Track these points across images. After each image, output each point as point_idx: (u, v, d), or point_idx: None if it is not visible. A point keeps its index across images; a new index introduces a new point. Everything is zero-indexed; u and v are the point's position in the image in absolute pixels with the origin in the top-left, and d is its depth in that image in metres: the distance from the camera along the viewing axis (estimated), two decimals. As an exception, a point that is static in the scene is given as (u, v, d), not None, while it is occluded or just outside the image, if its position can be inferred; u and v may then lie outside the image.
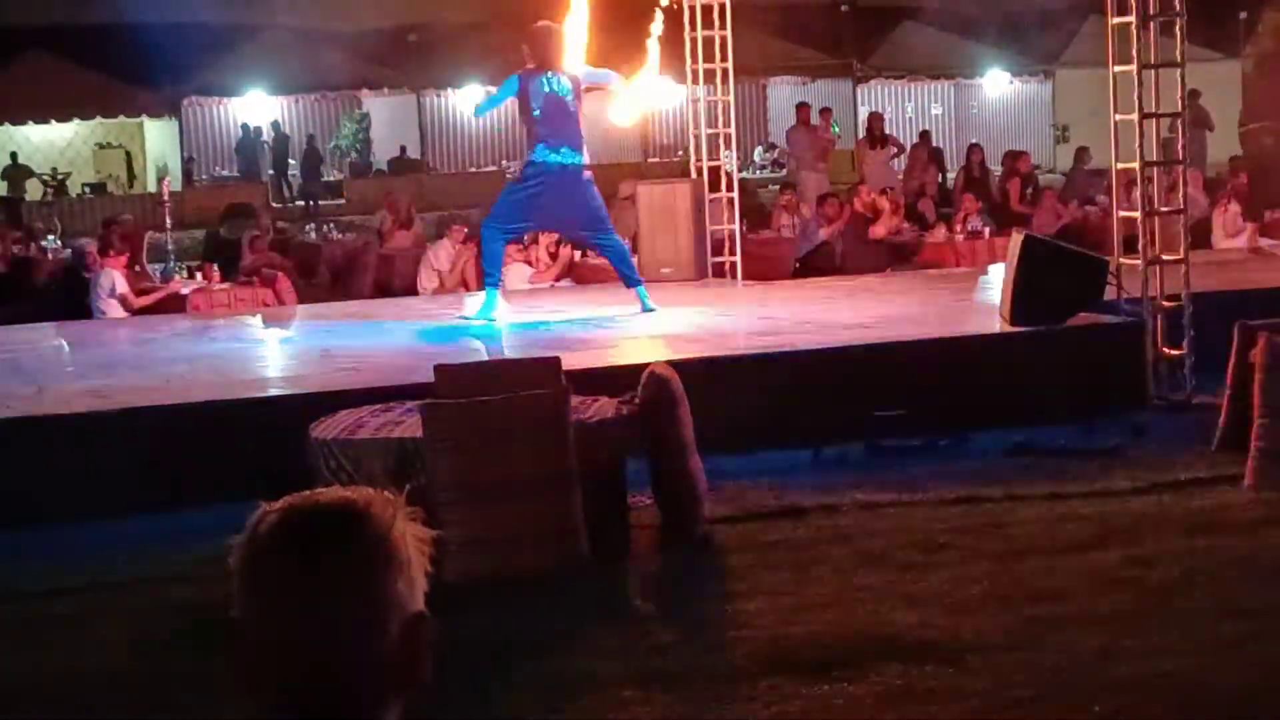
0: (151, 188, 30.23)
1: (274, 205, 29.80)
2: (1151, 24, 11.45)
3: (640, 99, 13.06)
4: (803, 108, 24.31)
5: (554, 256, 16.36)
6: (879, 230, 18.25)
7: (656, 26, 13.06)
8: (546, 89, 12.17)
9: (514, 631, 6.87)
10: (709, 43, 15.19)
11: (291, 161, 33.20)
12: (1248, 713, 5.75)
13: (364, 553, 1.99)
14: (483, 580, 7.38)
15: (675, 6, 13.32)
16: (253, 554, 2.01)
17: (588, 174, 12.38)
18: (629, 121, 13.44)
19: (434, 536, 2.04)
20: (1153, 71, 11.44)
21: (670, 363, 8.70)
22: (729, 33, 15.14)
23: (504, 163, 35.74)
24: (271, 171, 33.14)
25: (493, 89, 13.14)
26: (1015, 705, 5.85)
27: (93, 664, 6.64)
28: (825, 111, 24.77)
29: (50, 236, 20.75)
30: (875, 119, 25.69)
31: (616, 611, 7.11)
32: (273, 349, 11.93)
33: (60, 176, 30.94)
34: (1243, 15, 32.74)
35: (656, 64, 13.12)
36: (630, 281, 12.75)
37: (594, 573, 7.54)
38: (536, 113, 12.20)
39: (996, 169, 23.58)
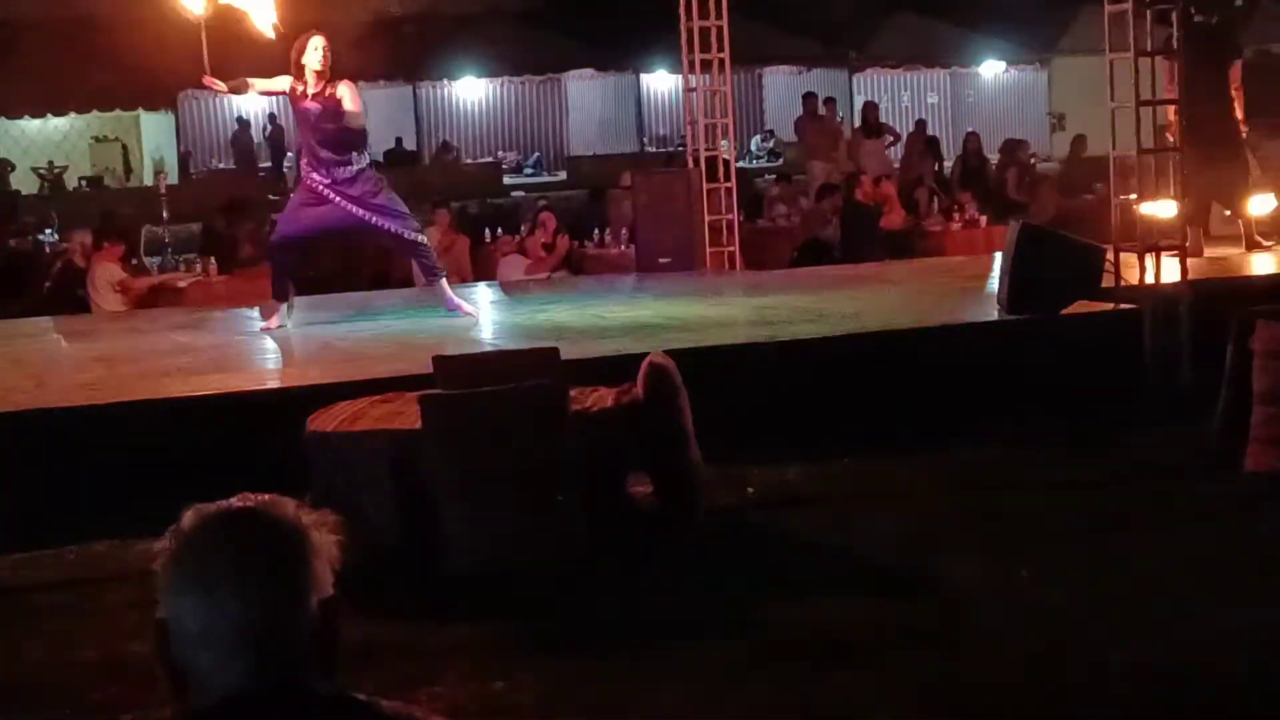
0: (148, 181, 30.17)
1: (271, 198, 29.79)
2: (1148, 11, 11.45)
3: None
4: (809, 97, 24.32)
5: (549, 248, 16.36)
6: (894, 221, 18.26)
7: None
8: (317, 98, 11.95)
9: (512, 623, 6.88)
10: (705, 32, 15.19)
11: (289, 155, 33.17)
12: (1248, 699, 5.75)
13: (281, 538, 2.25)
14: (482, 571, 7.39)
15: None
16: (180, 553, 2.25)
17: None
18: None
19: (337, 535, 2.33)
20: (1149, 59, 11.44)
21: (669, 352, 8.69)
22: (725, 22, 15.13)
23: (500, 154, 35.79)
24: (268, 164, 33.11)
25: (490, 80, 13.11)
26: (1014, 694, 5.85)
27: (91, 656, 6.64)
28: (830, 101, 24.77)
29: (47, 230, 20.74)
30: (870, 108, 25.68)
31: (616, 603, 7.10)
32: (271, 341, 11.92)
33: (57, 170, 30.91)
34: (1239, 2, 32.67)
35: None
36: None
37: (594, 564, 7.54)
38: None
39: (993, 157, 23.58)
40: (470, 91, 36.53)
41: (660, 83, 35.87)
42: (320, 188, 11.83)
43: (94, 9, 27.44)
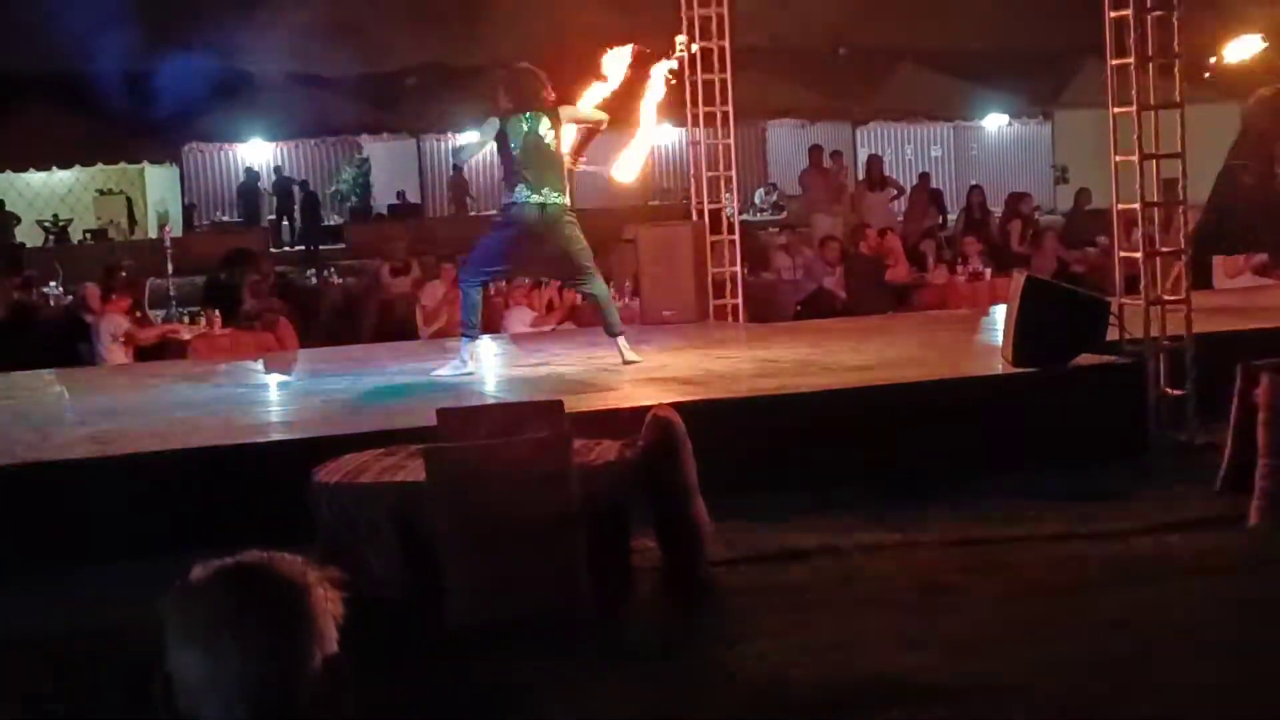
0: (153, 233, 30.29)
1: (274, 250, 29.87)
2: (1150, 65, 11.48)
3: (637, 159, 12.95)
4: (815, 150, 24.39)
5: (552, 303, 16.40)
6: (899, 274, 18.29)
7: (655, 91, 12.76)
8: (525, 128, 11.87)
9: (516, 677, 6.85)
10: (709, 86, 15.24)
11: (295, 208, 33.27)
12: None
13: (284, 595, 2.28)
14: (485, 625, 7.36)
15: (672, 76, 12.93)
16: (185, 607, 2.30)
17: (570, 216, 12.05)
18: (630, 178, 13.15)
19: (341, 591, 2.35)
20: (1152, 113, 11.48)
21: (673, 405, 8.69)
22: (729, 76, 15.19)
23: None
24: (271, 216, 33.21)
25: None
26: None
27: (94, 711, 6.61)
28: (836, 154, 24.84)
29: (52, 283, 20.78)
30: (874, 161, 25.74)
31: (619, 656, 7.08)
32: (274, 393, 11.92)
33: (61, 223, 31.01)
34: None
35: (652, 126, 12.98)
36: (611, 330, 12.32)
37: (597, 617, 7.52)
38: (516, 153, 11.87)
39: (997, 210, 23.63)
40: (461, 143, 36.66)
41: (664, 136, 35.99)
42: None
43: (98, 63, 27.58)
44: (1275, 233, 14.48)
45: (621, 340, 12.25)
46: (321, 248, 30.93)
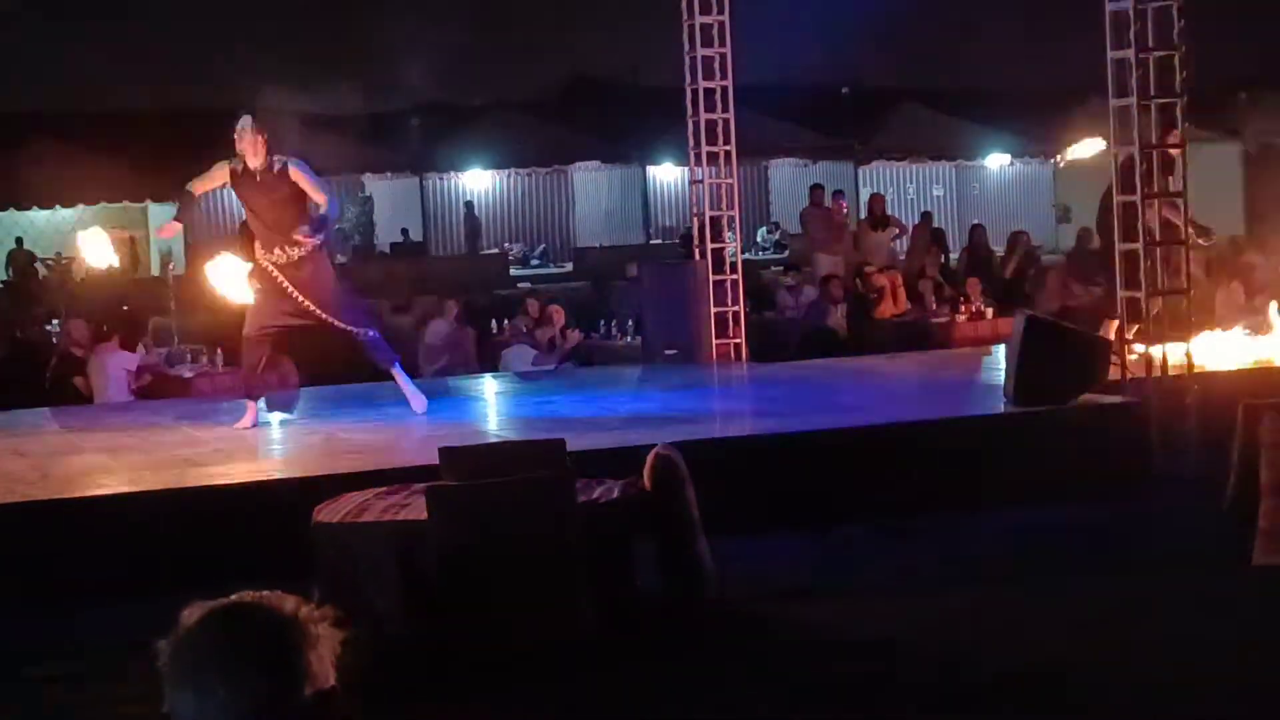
0: (156, 271, 30.29)
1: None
2: (1152, 106, 11.51)
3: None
4: (816, 189, 24.42)
5: (554, 342, 16.40)
6: (885, 310, 18.32)
7: None
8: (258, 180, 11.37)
9: (517, 716, 6.84)
10: (711, 125, 15.27)
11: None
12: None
13: (273, 632, 2.31)
14: (488, 665, 7.35)
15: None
16: (177, 648, 2.33)
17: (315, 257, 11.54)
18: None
19: (338, 629, 2.38)
20: (1154, 152, 11.51)
21: (676, 444, 8.68)
22: (731, 115, 15.22)
23: (506, 245, 35.94)
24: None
25: (497, 173, 13.11)
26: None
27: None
28: (838, 194, 24.86)
29: (54, 320, 20.78)
30: (876, 200, 25.73)
31: (623, 695, 7.07)
32: (277, 432, 11.91)
33: (64, 261, 31.01)
34: (1243, 96, 32.95)
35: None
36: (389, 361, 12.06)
37: (601, 656, 7.50)
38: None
39: (999, 249, 23.65)
40: (477, 183, 36.71)
41: (666, 174, 36.07)
42: (273, 272, 11.46)
43: (103, 103, 27.67)
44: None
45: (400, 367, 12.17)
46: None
